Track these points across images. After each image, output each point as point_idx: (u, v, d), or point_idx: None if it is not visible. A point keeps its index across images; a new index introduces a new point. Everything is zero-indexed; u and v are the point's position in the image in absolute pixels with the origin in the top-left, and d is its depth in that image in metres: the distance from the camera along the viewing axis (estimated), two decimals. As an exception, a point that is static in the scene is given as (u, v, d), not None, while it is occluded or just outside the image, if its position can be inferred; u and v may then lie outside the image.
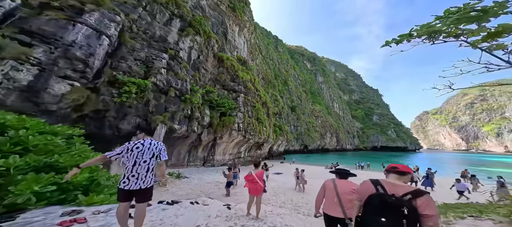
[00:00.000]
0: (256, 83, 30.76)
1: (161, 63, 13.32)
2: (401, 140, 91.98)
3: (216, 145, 17.89)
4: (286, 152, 52.46)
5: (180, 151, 14.67)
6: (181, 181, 10.88)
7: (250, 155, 26.67)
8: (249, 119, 21.48)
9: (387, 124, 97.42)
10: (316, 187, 12.17)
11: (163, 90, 12.71)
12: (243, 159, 24.20)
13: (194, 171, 14.13)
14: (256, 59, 59.07)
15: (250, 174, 4.15)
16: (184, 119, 13.30)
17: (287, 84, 72.07)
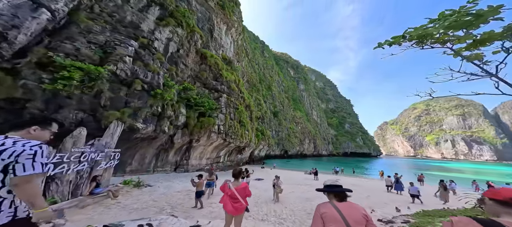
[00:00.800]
0: (240, 85, 29.27)
1: (126, 50, 10.79)
2: (367, 147, 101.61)
3: (192, 149, 15.60)
4: (267, 157, 51.77)
5: (145, 155, 12.04)
6: (141, 191, 8.57)
7: (230, 160, 24.75)
8: (231, 121, 19.75)
9: (356, 132, 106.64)
10: (296, 193, 10.88)
11: (125, 82, 10.18)
12: (222, 163, 22.14)
13: (162, 178, 11.74)
14: (242, 61, 57.75)
15: (228, 186, 3.08)
16: (151, 118, 10.91)
17: (271, 89, 72.49)
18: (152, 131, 10.83)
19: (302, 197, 10.17)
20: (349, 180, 18.50)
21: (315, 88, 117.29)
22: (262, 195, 9.64)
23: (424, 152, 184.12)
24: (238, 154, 25.75)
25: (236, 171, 3.29)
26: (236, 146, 22.17)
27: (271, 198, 8.72)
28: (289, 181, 16.73)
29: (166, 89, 12.87)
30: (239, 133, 20.48)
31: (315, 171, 19.48)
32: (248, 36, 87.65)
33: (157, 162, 12.88)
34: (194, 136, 14.70)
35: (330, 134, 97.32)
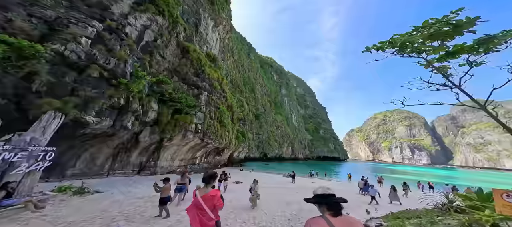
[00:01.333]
0: (223, 84, 27.90)
1: (83, 31, 8.73)
2: (337, 152, 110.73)
3: (162, 149, 13.61)
4: (246, 160, 50.81)
5: (97, 155, 9.75)
6: (84, 199, 6.74)
7: (208, 162, 22.97)
8: (210, 120, 18.29)
9: (329, 137, 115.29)
10: (275, 197, 10.17)
11: (75, 66, 8.06)
12: (198, 166, 20.27)
13: (120, 183, 9.70)
14: (227, 61, 56.09)
15: (194, 194, 2.46)
16: (109, 111, 8.90)
17: (254, 92, 72.39)
18: (108, 127, 8.83)
19: (281, 201, 9.71)
20: (324, 183, 19.09)
21: (296, 94, 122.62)
22: (241, 200, 8.85)
23: (380, 157, 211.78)
24: (217, 156, 24.17)
25: (207, 175, 2.50)
26: (214, 147, 20.68)
27: (249, 203, 7.98)
28: (268, 184, 16.25)
29: (134, 80, 10.90)
30: (219, 133, 19.14)
31: (292, 174, 19.55)
32: (235, 36, 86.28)
33: (114, 163, 10.64)
34: (166, 135, 12.86)
35: (307, 139, 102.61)
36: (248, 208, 7.78)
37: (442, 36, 3.83)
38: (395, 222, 4.33)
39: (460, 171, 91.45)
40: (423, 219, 4.14)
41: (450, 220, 3.77)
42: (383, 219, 5.27)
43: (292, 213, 7.56)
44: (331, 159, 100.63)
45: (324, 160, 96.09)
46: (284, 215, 7.17)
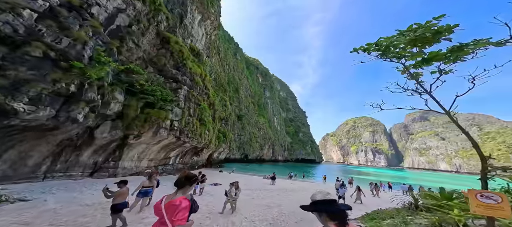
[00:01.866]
0: (206, 81, 26.23)
1: (29, 2, 6.70)
2: (313, 154, 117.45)
3: (127, 147, 11.53)
4: (226, 161, 49.08)
5: (28, 153, 7.42)
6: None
7: (184, 162, 20.92)
8: (189, 117, 16.63)
9: (307, 141, 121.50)
10: (256, 200, 9.37)
11: (10, 40, 5.98)
12: (171, 167, 18.19)
13: (62, 187, 7.65)
14: (212, 58, 53.73)
15: (158, 204, 1.81)
16: (52, 98, 6.90)
17: (238, 92, 71.20)
18: (48, 118, 6.84)
19: (261, 204, 9.13)
20: (302, 184, 19.40)
21: (279, 97, 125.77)
22: (218, 204, 7.93)
23: (348, 159, 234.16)
24: (194, 156, 22.27)
25: (181, 177, 1.91)
26: (192, 147, 18.93)
27: (228, 207, 7.21)
28: (249, 186, 15.57)
29: (95, 65, 8.91)
30: (198, 132, 17.57)
31: (272, 176, 19.26)
32: (223, 35, 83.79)
33: (55, 164, 8.36)
34: (133, 131, 10.94)
35: (287, 142, 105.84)
36: (226, 212, 7.00)
37: (423, 41, 3.99)
38: (372, 223, 4.26)
39: (408, 172, 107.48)
40: (396, 219, 4.15)
41: (420, 220, 3.80)
42: (360, 221, 5.17)
43: (273, 217, 7.05)
44: (308, 161, 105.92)
45: (301, 162, 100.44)
46: (265, 219, 6.67)
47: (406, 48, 4.14)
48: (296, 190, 14.88)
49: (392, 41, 4.20)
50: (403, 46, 4.15)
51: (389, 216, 4.60)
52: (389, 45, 4.23)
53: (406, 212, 4.61)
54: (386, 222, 4.15)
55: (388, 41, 4.25)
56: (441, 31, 3.61)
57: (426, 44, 3.88)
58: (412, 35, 3.80)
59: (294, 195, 11.87)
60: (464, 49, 3.58)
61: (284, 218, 6.96)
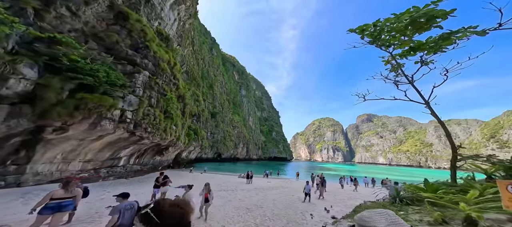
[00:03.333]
0: (176, 70, 22.63)
1: None
2: (285, 153, 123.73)
3: (42, 144, 7.88)
4: (198, 160, 44.92)
5: None
6: None
7: (142, 163, 17.02)
8: (150, 109, 13.42)
9: (279, 140, 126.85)
10: (233, 203, 7.60)
11: None
12: (123, 169, 14.34)
13: None
14: (185, 48, 48.21)
15: None
16: None
17: (213, 89, 66.97)
18: None
19: (240, 206, 7.77)
20: (279, 182, 19.05)
21: (254, 96, 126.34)
22: None
23: (314, 156, 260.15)
24: (157, 155, 18.55)
25: None
26: (154, 144, 15.54)
27: (199, 214, 5.54)
28: (223, 186, 13.89)
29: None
30: (162, 126, 14.46)
31: (247, 174, 17.99)
32: (199, 28, 77.07)
33: None
34: (53, 121, 7.52)
35: (261, 140, 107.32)
36: (199, 221, 5.37)
37: (416, 26, 3.79)
38: None
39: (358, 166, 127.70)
40: None
41: (414, 215, 3.33)
42: (349, 220, 4.58)
43: (256, 222, 5.84)
44: (280, 159, 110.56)
45: (274, 160, 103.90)
46: (247, 225, 5.51)
47: (398, 35, 4.05)
48: (275, 187, 14.21)
49: (391, 23, 4.03)
50: (394, 33, 4.06)
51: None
52: (383, 28, 4.09)
53: (392, 206, 4.26)
54: None
55: (387, 22, 4.09)
56: (436, 16, 3.50)
57: (417, 31, 3.81)
58: (408, 19, 3.64)
59: (274, 194, 11.04)
60: (451, 37, 3.54)
61: (269, 223, 5.83)
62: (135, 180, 13.65)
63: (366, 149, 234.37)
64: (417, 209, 3.54)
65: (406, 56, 4.32)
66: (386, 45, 4.43)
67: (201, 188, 6.94)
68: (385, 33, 4.05)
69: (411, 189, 4.78)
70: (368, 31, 4.26)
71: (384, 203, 4.89)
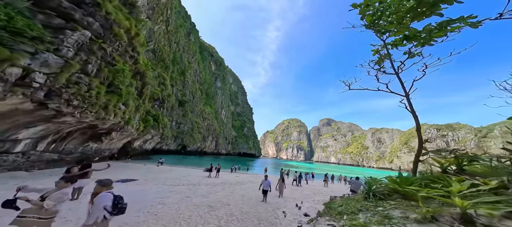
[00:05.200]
0: (136, 41, 18.39)
1: None
2: (254, 149, 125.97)
3: None
4: (157, 152, 39.10)
5: None
6: None
7: (63, 151, 12.60)
8: (86, 78, 9.89)
9: (250, 136, 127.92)
10: (194, 200, 5.84)
11: None
12: (23, 157, 10.12)
13: None
14: (157, 25, 40.82)
15: None
16: None
17: (185, 75, 60.19)
18: None
19: (201, 204, 6.45)
20: (248, 177, 18.36)
21: (230, 90, 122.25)
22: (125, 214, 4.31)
23: (280, 154, 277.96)
24: (93, 141, 14.27)
25: None
26: (86, 125, 11.73)
27: (137, 211, 3.97)
28: (183, 181, 11.96)
29: None
30: (101, 102, 11.02)
31: (210, 168, 16.38)
32: (178, 8, 67.15)
33: None
34: None
35: (232, 135, 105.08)
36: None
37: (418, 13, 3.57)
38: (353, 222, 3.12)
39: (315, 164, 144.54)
40: (368, 213, 3.30)
41: (393, 210, 3.03)
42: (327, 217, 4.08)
43: (220, 223, 4.71)
44: (248, 155, 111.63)
45: (243, 156, 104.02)
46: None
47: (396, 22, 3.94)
48: (243, 182, 13.26)
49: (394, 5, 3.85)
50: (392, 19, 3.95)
51: (354, 208, 3.72)
52: (385, 11, 3.91)
53: (367, 201, 3.94)
54: (358, 216, 3.27)
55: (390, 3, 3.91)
56: (444, 0, 3.35)
57: (416, 18, 3.66)
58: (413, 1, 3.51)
59: (242, 189, 10.00)
60: (446, 28, 3.44)
61: (237, 224, 4.80)
62: (43, 174, 9.76)
63: (323, 150, 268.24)
64: (393, 204, 3.22)
65: (398, 45, 4.24)
66: (382, 31, 4.30)
67: (158, 182, 5.11)
68: (385, 17, 3.89)
69: (391, 182, 4.60)
70: (370, 10, 4.02)
71: (357, 198, 4.58)
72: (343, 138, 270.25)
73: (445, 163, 3.84)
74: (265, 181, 7.79)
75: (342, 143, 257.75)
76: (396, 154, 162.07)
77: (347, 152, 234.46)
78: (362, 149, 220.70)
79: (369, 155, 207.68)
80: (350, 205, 3.86)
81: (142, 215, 4.72)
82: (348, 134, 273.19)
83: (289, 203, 7.78)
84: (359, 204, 3.83)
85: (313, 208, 6.98)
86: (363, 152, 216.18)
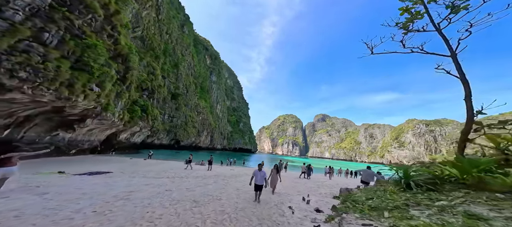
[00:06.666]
0: (116, 19, 16.26)
1: None
2: (250, 144, 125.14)
3: None
4: (148, 146, 36.89)
5: None
6: None
7: (24, 140, 10.62)
8: (39, 48, 7.95)
9: (246, 131, 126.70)
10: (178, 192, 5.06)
11: None
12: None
13: None
14: (144, 10, 37.67)
15: None
16: None
17: (178, 68, 57.29)
18: None
19: (181, 199, 5.06)
20: (243, 170, 17.05)
21: (226, 85, 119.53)
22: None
23: (276, 150, 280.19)
24: (64, 129, 12.25)
25: None
26: (52, 109, 9.79)
27: (85, 216, 2.46)
28: (169, 174, 10.45)
29: None
30: (64, 80, 9.10)
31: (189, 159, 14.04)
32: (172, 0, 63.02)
33: None
34: None
35: (227, 130, 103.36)
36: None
37: None
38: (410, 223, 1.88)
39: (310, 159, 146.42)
40: (422, 208, 2.24)
41: (481, 209, 1.85)
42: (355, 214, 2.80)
43: (205, 225, 3.37)
44: (244, 151, 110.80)
45: (239, 151, 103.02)
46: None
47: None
48: (239, 175, 11.81)
49: None
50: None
51: (394, 201, 2.69)
52: None
53: (405, 193, 2.94)
54: (413, 214, 2.22)
55: None
56: None
57: None
58: None
59: (237, 183, 8.53)
60: None
61: (229, 222, 3.39)
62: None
63: (317, 145, 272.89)
64: (460, 196, 2.11)
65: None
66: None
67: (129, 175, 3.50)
68: None
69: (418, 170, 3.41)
70: None
71: (391, 190, 3.40)
72: (337, 133, 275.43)
73: (504, 142, 2.73)
74: (259, 173, 5.47)
75: (336, 139, 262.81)
76: (387, 149, 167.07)
77: (341, 148, 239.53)
78: (355, 144, 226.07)
79: (361, 150, 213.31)
80: (384, 198, 2.79)
81: (80, 216, 3.23)
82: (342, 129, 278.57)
83: (294, 197, 6.49)
84: (399, 196, 2.81)
85: (322, 202, 5.74)
86: (356, 147, 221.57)
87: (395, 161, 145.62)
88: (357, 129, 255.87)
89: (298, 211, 4.57)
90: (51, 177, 7.17)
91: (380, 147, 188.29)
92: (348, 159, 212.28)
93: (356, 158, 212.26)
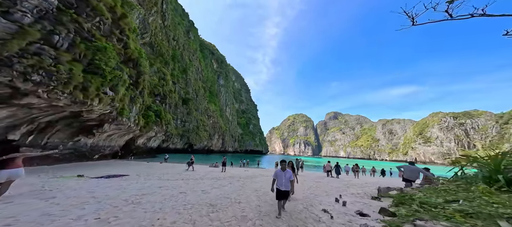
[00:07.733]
0: (124, 23, 16.44)
1: None
2: (261, 146, 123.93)
3: None
4: (163, 150, 37.75)
5: None
6: None
7: (48, 146, 10.80)
8: (50, 50, 7.83)
9: (256, 133, 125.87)
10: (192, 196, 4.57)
11: None
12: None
13: None
14: (151, 16, 39.01)
15: None
16: None
17: (187, 73, 58.64)
18: None
19: (197, 202, 4.13)
20: (259, 171, 16.13)
21: (233, 88, 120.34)
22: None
23: (287, 150, 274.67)
24: (83, 135, 12.41)
25: None
26: (71, 114, 9.77)
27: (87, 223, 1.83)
28: (183, 176, 9.93)
29: None
30: (78, 83, 8.96)
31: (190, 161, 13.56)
32: (175, 6, 65.66)
33: None
34: None
35: (238, 133, 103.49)
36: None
37: None
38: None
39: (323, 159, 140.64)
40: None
41: None
42: (433, 221, 1.76)
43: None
44: (256, 152, 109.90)
45: (250, 153, 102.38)
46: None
47: None
48: (255, 176, 10.93)
49: None
50: None
51: (489, 205, 2.09)
52: None
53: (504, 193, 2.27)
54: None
55: None
56: None
57: None
58: None
59: (254, 183, 7.70)
60: None
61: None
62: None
63: (331, 144, 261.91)
64: None
65: None
66: None
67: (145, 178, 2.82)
68: None
69: None
70: None
71: (480, 187, 2.57)
72: (351, 131, 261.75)
73: None
74: (283, 174, 3.62)
75: (351, 137, 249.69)
76: (410, 145, 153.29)
77: (357, 146, 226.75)
78: (373, 142, 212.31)
79: (380, 148, 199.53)
80: (480, 201, 2.08)
81: (80, 224, 2.48)
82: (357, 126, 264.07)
83: (323, 199, 5.29)
84: (492, 199, 2.12)
85: (360, 203, 4.49)
86: (374, 145, 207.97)
87: (421, 158, 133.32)
88: (374, 126, 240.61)
89: (336, 215, 3.42)
90: (69, 180, 6.87)
91: (402, 144, 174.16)
92: (365, 158, 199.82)
93: (375, 156, 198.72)
